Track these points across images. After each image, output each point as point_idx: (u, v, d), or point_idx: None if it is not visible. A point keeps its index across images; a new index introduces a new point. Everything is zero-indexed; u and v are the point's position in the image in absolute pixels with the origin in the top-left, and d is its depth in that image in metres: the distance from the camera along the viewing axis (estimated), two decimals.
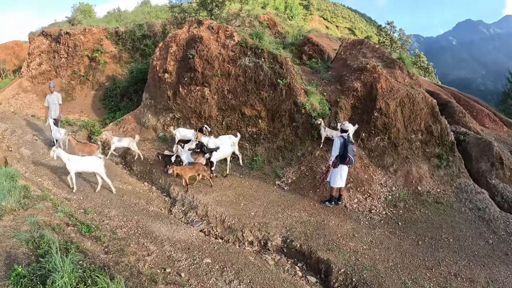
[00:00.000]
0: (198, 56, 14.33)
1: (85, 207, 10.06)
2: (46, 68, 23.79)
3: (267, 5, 31.09)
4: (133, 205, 10.61)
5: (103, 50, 22.55)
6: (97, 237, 7.80)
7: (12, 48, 33.14)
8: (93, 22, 24.88)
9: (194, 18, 16.44)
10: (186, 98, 14.74)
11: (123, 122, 16.53)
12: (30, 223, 7.65)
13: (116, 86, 20.90)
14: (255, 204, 10.80)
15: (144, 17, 25.98)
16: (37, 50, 24.67)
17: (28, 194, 9.53)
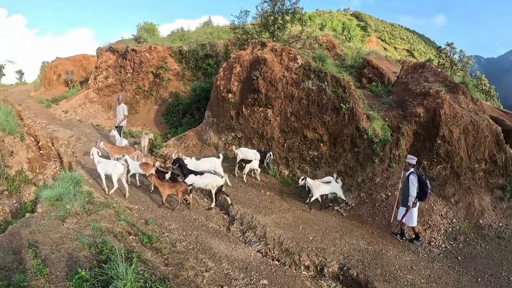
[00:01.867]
0: (262, 78, 14.51)
1: (146, 217, 10.32)
2: (112, 81, 25.14)
3: (324, 27, 31.13)
4: (193, 220, 10.76)
5: (167, 68, 23.43)
6: (157, 248, 7.93)
7: (80, 61, 35.20)
8: (158, 41, 25.89)
9: (257, 40, 16.67)
10: (249, 118, 14.90)
11: (184, 138, 16.95)
12: (93, 228, 7.95)
13: (179, 102, 21.58)
14: (314, 228, 10.66)
15: (206, 37, 26.70)
16: (104, 64, 26.17)
17: (91, 200, 9.94)
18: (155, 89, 23.47)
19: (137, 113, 22.73)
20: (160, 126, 21.07)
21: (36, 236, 7.67)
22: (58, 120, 22.51)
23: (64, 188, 10.11)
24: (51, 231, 7.95)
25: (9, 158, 14.32)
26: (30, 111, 24.13)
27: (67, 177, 10.93)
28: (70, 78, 32.80)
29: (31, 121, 21.14)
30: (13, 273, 6.28)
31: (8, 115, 17.92)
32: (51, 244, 7.32)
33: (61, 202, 9.44)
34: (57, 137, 18.02)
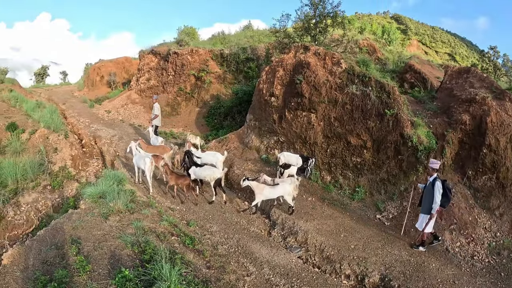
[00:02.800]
0: (305, 82, 14.37)
1: (187, 219, 10.42)
2: (154, 83, 25.69)
3: (364, 30, 30.69)
4: (234, 223, 10.80)
5: (209, 71, 23.68)
6: (199, 250, 7.96)
7: (122, 63, 36.08)
8: (199, 44, 26.36)
9: (300, 44, 16.56)
10: (292, 122, 14.78)
11: (226, 140, 17.05)
12: (135, 227, 8.04)
13: (220, 105, 21.74)
14: (355, 236, 10.46)
15: (247, 40, 26.89)
16: (147, 66, 26.72)
17: (134, 198, 10.05)
18: (196, 91, 23.78)
19: (178, 115, 23.16)
20: (201, 128, 21.32)
21: (79, 232, 7.85)
22: (101, 119, 23.11)
23: (108, 186, 10.35)
24: (94, 228, 8.13)
25: (53, 155, 14.81)
26: (73, 110, 24.84)
27: (111, 175, 11.22)
28: (112, 80, 33.69)
29: (75, 120, 21.76)
30: (55, 268, 6.42)
31: (53, 114, 18.61)
32: (94, 241, 7.48)
33: (104, 199, 9.66)
34: (100, 136, 18.49)
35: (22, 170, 13.28)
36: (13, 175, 13.07)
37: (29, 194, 12.40)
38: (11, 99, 21.08)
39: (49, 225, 8.69)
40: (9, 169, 13.17)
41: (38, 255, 7.06)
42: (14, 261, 6.88)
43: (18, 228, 11.22)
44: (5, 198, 11.95)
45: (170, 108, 23.66)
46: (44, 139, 15.71)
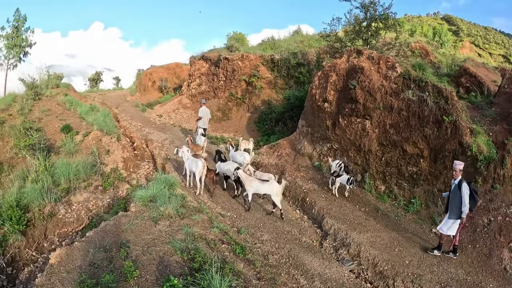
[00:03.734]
0: (359, 87, 13.99)
1: (238, 226, 10.35)
2: (205, 88, 26.02)
3: (414, 32, 29.78)
4: (286, 232, 10.58)
5: (260, 76, 23.64)
6: (250, 260, 7.80)
7: (173, 69, 37.11)
8: (249, 49, 26.41)
9: (352, 48, 16.13)
10: (346, 129, 14.41)
11: (277, 146, 16.87)
12: (185, 233, 7.98)
13: (271, 110, 21.61)
14: (410, 251, 9.92)
15: (297, 45, 26.67)
16: (197, 72, 27.14)
17: (185, 203, 10.04)
18: (247, 96, 23.83)
19: (229, 120, 23.32)
20: (252, 133, 21.26)
21: (128, 236, 7.93)
22: (152, 123, 23.67)
23: (159, 189, 10.42)
24: (143, 232, 8.19)
25: (106, 156, 15.08)
26: (126, 114, 25.61)
27: (162, 178, 11.31)
28: (164, 85, 34.65)
29: (127, 123, 22.30)
30: (102, 271, 6.48)
31: (106, 117, 19.07)
32: (143, 245, 7.53)
33: (155, 203, 9.75)
34: (151, 139, 18.80)
35: (75, 170, 13.61)
36: (66, 174, 13.43)
37: (80, 194, 12.65)
38: (66, 103, 21.91)
39: (98, 226, 8.88)
40: (63, 169, 13.53)
41: (86, 256, 7.17)
42: (61, 261, 7.00)
43: (68, 226, 11.48)
44: (57, 196, 12.26)
45: (221, 113, 23.91)
46: (97, 141, 16.12)
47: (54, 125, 18.30)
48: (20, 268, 10.03)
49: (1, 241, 10.52)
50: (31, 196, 11.86)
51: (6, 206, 11.08)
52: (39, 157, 13.85)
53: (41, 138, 15.81)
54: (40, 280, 6.34)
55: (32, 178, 13.02)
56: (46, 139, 16.29)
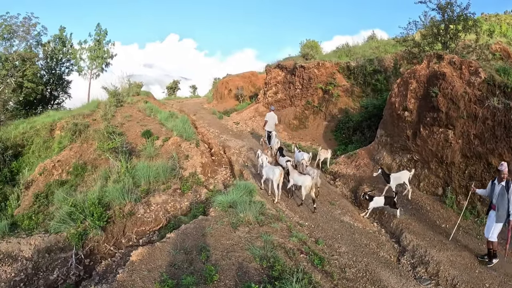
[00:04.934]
0: (441, 95, 13.28)
1: (316, 236, 10.24)
2: (282, 96, 26.19)
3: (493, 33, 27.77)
4: (364, 245, 10.34)
5: (336, 84, 23.30)
6: (327, 272, 7.68)
7: (249, 78, 37.96)
8: (325, 57, 26.23)
9: (433, 53, 15.36)
10: (427, 139, 13.67)
11: (355, 156, 16.58)
12: (265, 240, 7.97)
13: (349, 119, 21.20)
14: (491, 274, 9.11)
15: (372, 52, 26.01)
16: (273, 80, 27.41)
17: (263, 211, 10.06)
18: (324, 104, 23.57)
19: (306, 128, 23.32)
20: (328, 142, 21.01)
21: (208, 240, 8.10)
22: (229, 130, 24.19)
23: (238, 196, 10.58)
24: (223, 237, 8.32)
25: (184, 161, 15.59)
26: (204, 121, 26.32)
27: (241, 185, 11.46)
28: (240, 93, 35.51)
29: (205, 130, 22.89)
30: (182, 273, 6.66)
31: (185, 123, 19.85)
32: (222, 250, 7.64)
33: (234, 209, 9.88)
34: (229, 146, 19.12)
35: (154, 173, 14.27)
36: (146, 177, 14.15)
37: (159, 195, 13.20)
38: (146, 109, 23.24)
39: (179, 228, 9.15)
40: (143, 171, 14.29)
41: (166, 257, 7.44)
42: (142, 259, 7.33)
43: (146, 225, 12.03)
44: (137, 196, 12.95)
45: (297, 121, 24.01)
46: (176, 146, 16.76)
47: (135, 130, 19.39)
48: (97, 261, 10.78)
49: (82, 234, 11.38)
50: (112, 195, 12.73)
51: (89, 203, 12.06)
52: (121, 159, 14.80)
53: (123, 142, 16.89)
54: (121, 276, 6.69)
55: (114, 179, 14.06)
56: (128, 143, 17.36)
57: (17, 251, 11.60)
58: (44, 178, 16.96)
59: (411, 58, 19.87)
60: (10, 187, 17.78)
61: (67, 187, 15.81)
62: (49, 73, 36.88)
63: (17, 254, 11.50)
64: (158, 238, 10.79)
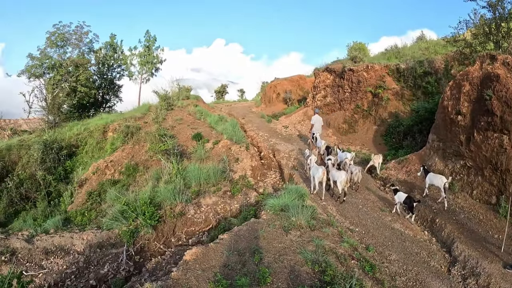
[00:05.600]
0: (495, 98, 12.75)
1: (366, 242, 10.24)
2: (331, 100, 26.15)
3: None
4: (414, 254, 10.22)
5: (386, 87, 22.86)
6: (378, 279, 7.71)
7: (297, 81, 38.11)
8: (374, 59, 25.73)
9: (485, 53, 14.76)
10: (481, 145, 13.12)
11: (406, 162, 16.25)
12: (316, 244, 8.11)
13: (399, 123, 20.74)
14: None
15: (422, 53, 25.16)
16: (322, 84, 27.40)
17: (315, 215, 10.17)
18: (373, 108, 23.18)
19: (355, 132, 23.11)
20: (378, 147, 20.70)
21: (260, 242, 8.29)
22: (278, 134, 24.45)
23: (290, 199, 10.73)
24: (275, 240, 8.51)
25: (235, 164, 16.10)
26: (252, 125, 26.87)
27: (293, 189, 11.66)
28: (288, 96, 35.73)
29: (254, 133, 23.31)
30: (235, 274, 6.89)
31: (235, 127, 20.55)
32: (274, 252, 7.82)
33: (285, 213, 10.02)
34: (278, 150, 19.36)
35: (205, 175, 14.88)
36: (197, 178, 14.77)
37: (210, 197, 13.67)
38: (196, 113, 24.19)
39: (231, 230, 9.39)
40: (194, 173, 14.93)
41: (220, 257, 7.72)
42: (196, 259, 7.63)
43: (196, 226, 12.46)
44: (188, 197, 13.49)
45: (347, 125, 23.81)
46: (226, 149, 17.31)
47: (185, 133, 20.19)
48: (147, 258, 11.26)
49: (134, 232, 11.96)
50: (164, 196, 13.37)
51: (141, 202, 12.64)
52: (173, 161, 15.38)
53: (175, 144, 17.58)
54: (176, 274, 6.99)
55: (165, 180, 14.72)
56: (179, 145, 18.06)
57: (70, 245, 12.38)
58: (97, 177, 18.09)
59: (462, 59, 19.24)
60: (64, 184, 19.26)
61: (119, 186, 16.77)
62: (101, 78, 39.24)
63: (69, 248, 12.29)
64: (208, 239, 11.20)
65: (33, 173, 19.74)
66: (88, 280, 10.52)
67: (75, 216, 15.48)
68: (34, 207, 18.31)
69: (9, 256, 12.42)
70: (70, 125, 25.93)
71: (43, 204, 18.05)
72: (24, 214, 17.90)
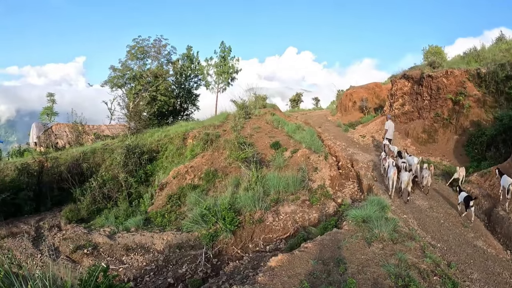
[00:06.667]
0: None
1: (448, 259, 10.13)
2: (409, 109, 25.55)
3: None
4: (496, 274, 10.01)
5: (467, 93, 21.77)
6: None
7: (372, 89, 37.72)
8: (453, 64, 24.70)
9: None
10: None
11: (489, 175, 15.36)
12: (399, 258, 8.33)
13: (482, 133, 19.72)
14: None
15: (503, 55, 23.32)
16: (400, 91, 26.84)
17: (396, 228, 10.27)
18: (454, 117, 22.11)
19: (435, 143, 22.30)
20: (459, 158, 19.89)
21: (343, 253, 8.67)
22: (356, 143, 24.44)
23: (372, 211, 10.92)
24: (357, 251, 8.83)
25: (313, 173, 16.39)
26: (329, 134, 26.83)
27: (374, 200, 11.86)
28: (364, 105, 35.44)
29: (331, 142, 23.14)
30: (320, 283, 7.30)
31: (313, 136, 20.99)
32: (358, 264, 8.15)
33: (367, 224, 10.28)
34: (356, 160, 19.19)
35: (284, 184, 15.33)
36: (276, 186, 15.28)
37: (288, 205, 14.09)
38: (273, 122, 24.93)
39: (315, 239, 9.80)
40: (273, 181, 15.47)
41: (305, 266, 8.17)
42: (282, 266, 8.15)
43: (274, 233, 12.95)
44: (267, 205, 14.09)
45: (426, 135, 23.00)
46: (305, 158, 17.67)
47: (264, 141, 20.96)
48: (224, 261, 11.88)
49: (213, 235, 12.72)
50: (244, 202, 14.11)
51: (222, 207, 13.41)
52: (252, 168, 16.09)
53: (254, 152, 18.35)
54: (262, 279, 7.54)
55: (245, 186, 15.43)
56: (258, 153, 18.77)
57: (150, 244, 13.65)
58: (177, 181, 19.36)
59: None
60: (144, 187, 21.03)
61: (199, 191, 17.77)
62: (179, 88, 42.61)
63: (149, 247, 13.56)
64: (286, 246, 11.60)
65: (115, 175, 22.01)
66: (166, 278, 11.40)
67: (155, 217, 16.93)
68: (115, 206, 20.26)
69: (91, 250, 14.07)
70: (151, 131, 28.26)
71: (125, 204, 19.90)
72: (106, 212, 19.76)
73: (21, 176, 23.02)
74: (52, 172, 24.44)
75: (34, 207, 21.81)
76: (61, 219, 19.39)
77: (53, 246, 15.51)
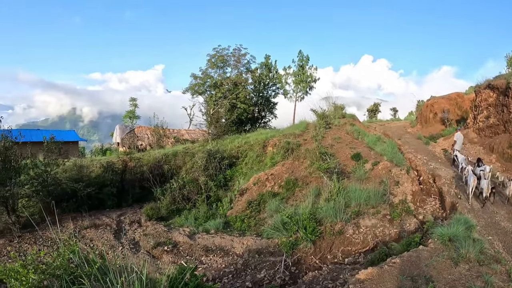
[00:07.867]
0: None
1: None
2: (494, 121, 23.49)
3: None
4: None
5: None
6: None
7: (454, 99, 35.66)
8: None
9: None
10: None
11: None
12: (486, 281, 8.06)
13: None
14: None
15: None
16: (484, 103, 24.85)
17: (483, 249, 9.89)
18: None
19: None
20: None
21: (430, 271, 8.54)
22: (438, 158, 22.89)
23: (458, 230, 10.51)
24: (444, 271, 8.66)
25: (394, 187, 15.88)
26: (409, 146, 25.36)
27: (461, 219, 11.38)
28: (446, 117, 33.64)
29: (412, 155, 21.86)
30: None
31: (394, 148, 20.53)
32: (445, 283, 8.02)
33: (453, 243, 9.95)
34: (439, 175, 18.22)
35: (365, 196, 15.12)
36: (357, 199, 15.13)
37: (369, 219, 13.84)
38: (353, 132, 24.63)
39: (402, 255, 9.66)
40: (354, 193, 15.33)
41: (394, 281, 8.17)
42: (372, 279, 8.20)
43: (353, 246, 12.74)
44: (347, 217, 13.92)
45: None
46: (386, 172, 17.23)
47: (344, 152, 20.76)
48: (302, 270, 11.91)
49: (293, 244, 12.89)
50: (325, 212, 14.12)
51: (304, 216, 13.60)
52: (334, 179, 16.05)
53: (336, 163, 18.35)
54: None
55: (326, 197, 15.48)
56: (340, 164, 18.62)
57: (229, 247, 13.97)
58: (257, 188, 19.66)
59: None
60: (223, 191, 21.64)
61: (279, 199, 17.97)
62: (258, 96, 43.55)
63: (229, 250, 13.89)
64: (365, 260, 11.49)
65: (195, 178, 22.77)
66: (245, 282, 11.58)
67: (234, 221, 17.31)
68: (194, 208, 20.93)
69: (171, 247, 14.58)
70: (232, 138, 29.08)
71: (204, 206, 20.51)
72: (186, 212, 20.32)
73: (106, 173, 24.61)
74: (134, 171, 25.95)
75: (116, 203, 23.20)
76: (141, 215, 20.50)
77: (133, 240, 16.48)
